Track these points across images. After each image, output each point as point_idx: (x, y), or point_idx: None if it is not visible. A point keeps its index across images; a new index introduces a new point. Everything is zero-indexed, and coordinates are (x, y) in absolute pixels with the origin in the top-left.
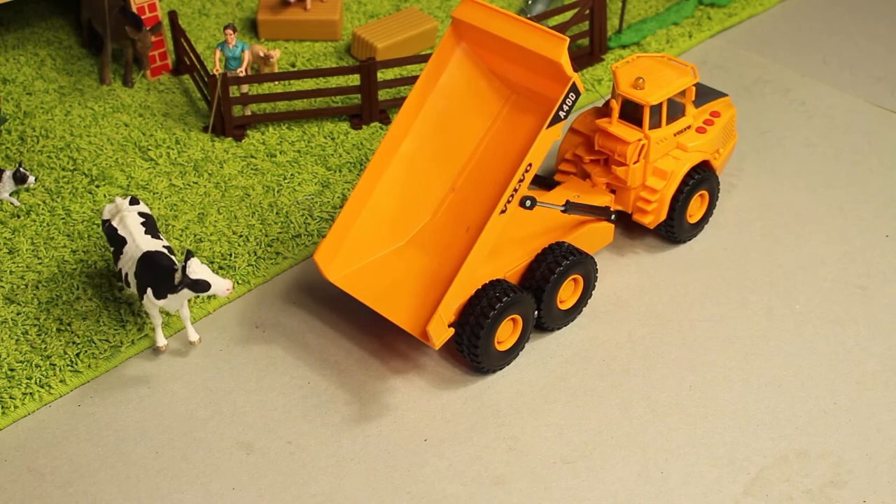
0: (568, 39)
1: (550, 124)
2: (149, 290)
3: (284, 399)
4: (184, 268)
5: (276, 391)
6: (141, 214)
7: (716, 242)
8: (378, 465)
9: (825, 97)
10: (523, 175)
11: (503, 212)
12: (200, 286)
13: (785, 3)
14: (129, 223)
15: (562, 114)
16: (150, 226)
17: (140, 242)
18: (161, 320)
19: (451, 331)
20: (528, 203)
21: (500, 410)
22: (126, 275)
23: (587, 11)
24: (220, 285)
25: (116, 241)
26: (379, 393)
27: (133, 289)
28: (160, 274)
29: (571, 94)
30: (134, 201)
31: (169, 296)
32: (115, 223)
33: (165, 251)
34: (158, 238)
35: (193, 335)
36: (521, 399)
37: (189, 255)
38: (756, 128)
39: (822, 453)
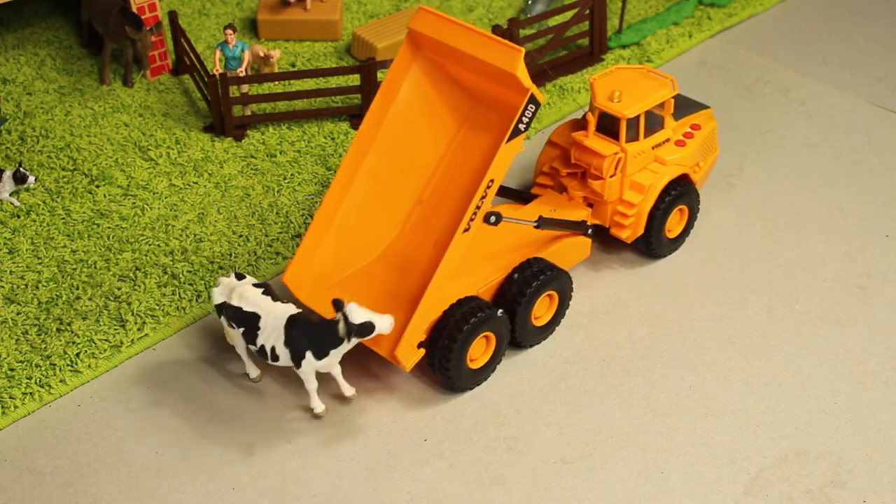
0: (523, 50)
1: (510, 138)
2: (307, 354)
3: (284, 399)
4: (345, 316)
5: (276, 391)
6: (256, 285)
7: (716, 242)
8: (378, 465)
9: (825, 97)
10: (485, 191)
11: (466, 230)
12: (367, 329)
13: (785, 3)
14: (251, 296)
15: (521, 126)
16: (271, 293)
17: (276, 311)
18: (316, 385)
19: (421, 352)
20: (492, 219)
21: (500, 410)
22: (272, 349)
23: (587, 11)
24: (384, 322)
25: (245, 319)
26: (379, 393)
27: (284, 360)
28: (319, 331)
29: (531, 105)
30: (240, 276)
31: (331, 352)
32: (234, 302)
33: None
34: (285, 303)
35: (349, 390)
36: (521, 399)
37: (339, 303)
38: (756, 128)
39: (822, 453)
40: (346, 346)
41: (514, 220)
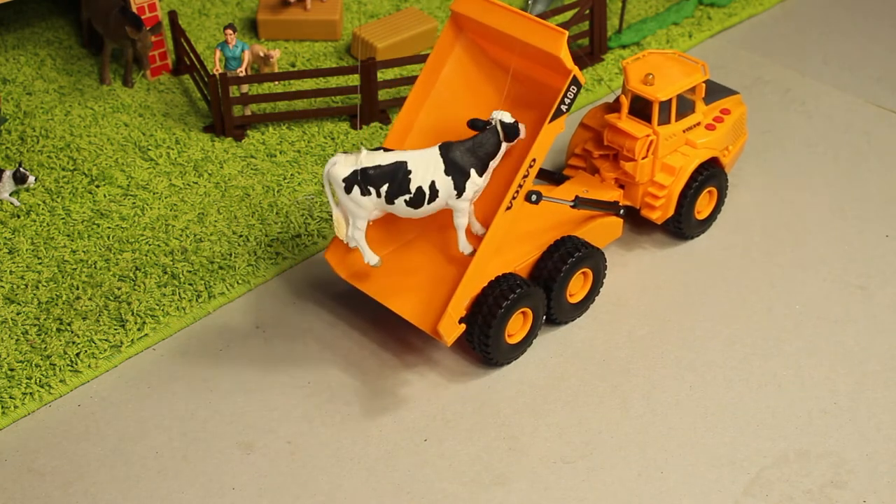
0: (567, 32)
1: (553, 118)
2: (472, 172)
3: (284, 399)
4: (499, 121)
5: (276, 391)
6: (372, 150)
7: (716, 242)
8: (378, 465)
9: (825, 97)
10: (527, 171)
11: (509, 208)
12: (516, 129)
13: (785, 3)
14: (382, 153)
15: (563, 107)
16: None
17: (419, 151)
18: (467, 221)
19: (462, 327)
20: (533, 198)
21: (500, 410)
22: (431, 184)
23: (587, 11)
24: (522, 125)
25: (390, 173)
26: (379, 393)
27: (444, 193)
28: (478, 143)
29: (573, 87)
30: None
31: (490, 165)
32: (368, 163)
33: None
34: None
35: (476, 226)
36: (521, 399)
37: (479, 122)
38: (756, 128)
39: (822, 453)
40: (499, 156)
41: (553, 200)
